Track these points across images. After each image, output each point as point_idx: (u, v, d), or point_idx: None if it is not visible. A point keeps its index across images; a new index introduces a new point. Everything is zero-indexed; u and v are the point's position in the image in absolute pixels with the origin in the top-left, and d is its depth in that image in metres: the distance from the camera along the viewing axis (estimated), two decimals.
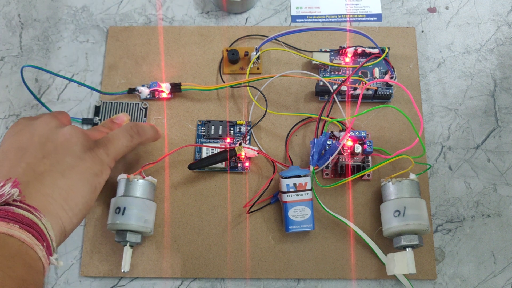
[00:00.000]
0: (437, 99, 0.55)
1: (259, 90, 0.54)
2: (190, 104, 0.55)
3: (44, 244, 0.33)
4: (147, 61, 0.57)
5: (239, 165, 0.52)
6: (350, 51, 0.55)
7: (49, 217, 0.35)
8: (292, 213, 0.48)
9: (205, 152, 0.52)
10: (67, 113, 0.47)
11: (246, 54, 0.56)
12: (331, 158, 0.49)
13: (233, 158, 0.51)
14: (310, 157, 0.49)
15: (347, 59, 0.55)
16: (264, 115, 0.53)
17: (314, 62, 0.54)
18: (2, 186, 0.34)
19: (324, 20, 0.60)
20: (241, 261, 0.49)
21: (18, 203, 0.34)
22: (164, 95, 0.55)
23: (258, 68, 0.56)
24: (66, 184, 0.38)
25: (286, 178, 0.48)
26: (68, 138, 0.41)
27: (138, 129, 0.47)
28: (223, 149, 0.51)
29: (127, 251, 0.46)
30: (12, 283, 0.29)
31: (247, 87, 0.54)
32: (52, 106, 0.55)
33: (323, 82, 0.52)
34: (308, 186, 0.48)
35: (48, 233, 0.34)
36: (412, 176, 0.48)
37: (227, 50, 0.56)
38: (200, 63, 0.57)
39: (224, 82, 0.55)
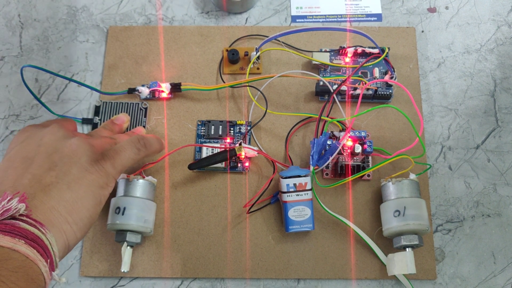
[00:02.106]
0: (437, 99, 0.55)
1: (259, 90, 0.54)
2: (190, 104, 0.55)
3: (48, 260, 0.34)
4: (147, 61, 0.57)
5: (239, 165, 0.52)
6: (350, 51, 0.55)
7: (54, 231, 0.35)
8: (292, 213, 0.48)
9: (205, 152, 0.52)
10: (73, 121, 0.47)
11: (246, 54, 0.56)
12: (331, 158, 0.49)
13: (233, 158, 0.51)
14: (310, 157, 0.49)
15: (347, 59, 0.55)
16: (264, 115, 0.53)
17: (314, 62, 0.54)
18: (10, 200, 0.34)
19: (324, 20, 0.60)
20: (241, 261, 0.49)
21: (24, 217, 0.34)
22: (164, 95, 0.55)
23: (258, 68, 0.56)
24: (71, 197, 0.38)
25: (286, 178, 0.48)
26: (75, 150, 0.40)
27: (145, 142, 0.46)
28: (223, 149, 0.51)
29: (127, 251, 0.46)
30: None
31: (247, 87, 0.54)
32: (52, 106, 0.55)
33: (323, 82, 0.52)
34: (308, 186, 0.48)
35: (52, 248, 0.34)
36: (412, 176, 0.48)
37: (227, 50, 0.56)
38: (200, 63, 0.57)
39: (224, 82, 0.55)
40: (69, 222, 0.37)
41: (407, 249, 0.46)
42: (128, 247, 0.46)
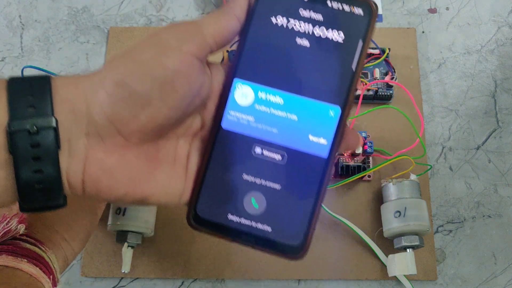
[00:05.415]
0: (437, 99, 0.55)
1: None
2: None
3: (51, 276, 0.34)
4: None
5: None
6: None
7: (53, 249, 0.36)
8: None
9: None
10: None
11: None
12: None
13: None
14: None
15: None
16: None
17: None
18: (9, 221, 0.34)
19: None
20: (242, 262, 0.49)
21: (24, 237, 0.34)
22: None
23: None
24: (66, 213, 0.38)
25: None
26: None
27: None
28: None
29: (128, 252, 0.46)
30: None
31: None
32: None
33: None
34: None
35: (53, 265, 0.35)
36: (413, 176, 0.48)
37: (227, 51, 0.56)
38: None
39: None
40: (66, 239, 0.37)
41: (407, 249, 0.46)
42: (129, 248, 0.46)
